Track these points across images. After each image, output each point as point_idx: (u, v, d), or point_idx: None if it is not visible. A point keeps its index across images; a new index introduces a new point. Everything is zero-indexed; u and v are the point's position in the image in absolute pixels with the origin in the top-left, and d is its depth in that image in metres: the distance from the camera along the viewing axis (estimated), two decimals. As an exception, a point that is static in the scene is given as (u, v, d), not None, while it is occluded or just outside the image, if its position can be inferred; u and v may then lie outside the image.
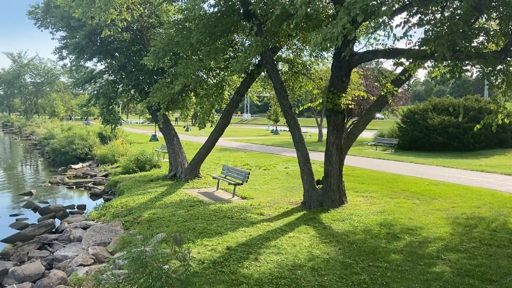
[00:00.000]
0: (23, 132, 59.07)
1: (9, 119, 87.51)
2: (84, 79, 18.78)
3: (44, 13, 18.21)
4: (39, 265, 8.48)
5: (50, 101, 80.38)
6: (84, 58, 17.46)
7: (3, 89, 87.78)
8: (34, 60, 79.30)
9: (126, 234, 9.87)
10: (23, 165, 30.37)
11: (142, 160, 20.16)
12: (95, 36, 16.28)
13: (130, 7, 14.09)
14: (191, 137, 42.35)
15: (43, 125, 54.77)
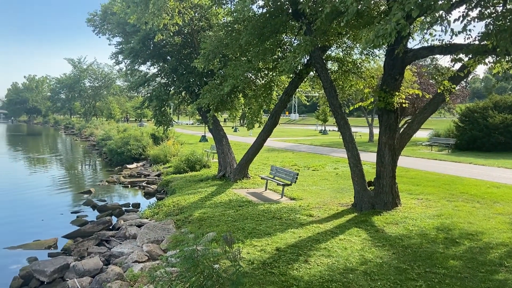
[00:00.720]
0: (83, 134, 62.45)
1: (70, 121, 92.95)
2: (138, 83, 19.52)
3: (102, 20, 19.19)
4: (97, 261, 8.91)
5: (107, 104, 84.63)
6: (138, 62, 18.15)
7: (65, 93, 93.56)
8: (92, 65, 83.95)
9: (178, 232, 10.12)
10: (83, 165, 32.15)
11: (193, 160, 20.62)
12: (148, 41, 16.87)
13: (181, 12, 14.46)
14: (239, 137, 42.81)
15: (101, 127, 57.70)
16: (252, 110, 15.36)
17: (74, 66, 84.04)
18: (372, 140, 36.51)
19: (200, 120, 20.60)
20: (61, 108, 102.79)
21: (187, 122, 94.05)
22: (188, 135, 46.30)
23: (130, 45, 17.00)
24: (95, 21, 19.67)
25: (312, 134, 52.65)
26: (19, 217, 14.49)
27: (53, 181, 22.52)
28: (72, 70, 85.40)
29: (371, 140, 36.71)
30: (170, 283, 5.46)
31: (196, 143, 36.37)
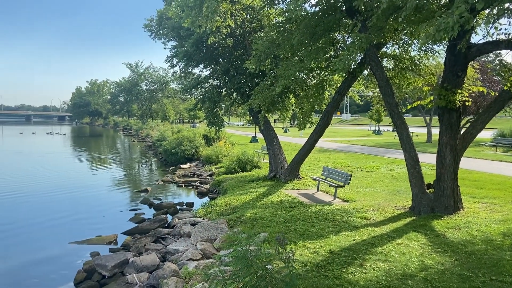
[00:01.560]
0: (140, 135, 65.23)
1: (128, 123, 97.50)
2: (191, 85, 20.03)
3: (158, 25, 19.94)
4: (154, 257, 9.21)
5: (162, 106, 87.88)
6: (191, 65, 18.63)
7: (123, 96, 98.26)
8: (148, 69, 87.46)
9: (231, 232, 10.22)
10: (139, 165, 33.54)
11: (244, 161, 20.81)
12: (201, 44, 17.25)
13: (233, 14, 14.65)
14: (290, 138, 42.65)
15: (156, 128, 59.95)
16: (303, 110, 15.22)
17: (132, 70, 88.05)
18: (431, 140, 34.92)
19: (251, 121, 20.74)
20: (120, 111, 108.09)
21: (238, 123, 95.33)
22: (239, 136, 46.84)
23: (184, 48, 17.48)
24: (152, 26, 20.48)
25: (365, 135, 51.30)
26: (83, 213, 15.36)
27: (113, 180, 23.67)
28: (130, 74, 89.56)
29: (429, 140, 35.11)
30: (225, 282, 5.50)
31: (247, 143, 36.69)
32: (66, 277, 9.11)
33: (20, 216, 14.71)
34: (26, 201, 17.07)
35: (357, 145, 34.00)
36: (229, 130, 53.48)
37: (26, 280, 9.13)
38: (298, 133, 48.34)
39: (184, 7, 12.94)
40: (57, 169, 27.54)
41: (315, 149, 20.08)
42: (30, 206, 16.19)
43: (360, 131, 60.82)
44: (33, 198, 17.59)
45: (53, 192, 19.09)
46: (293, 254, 5.43)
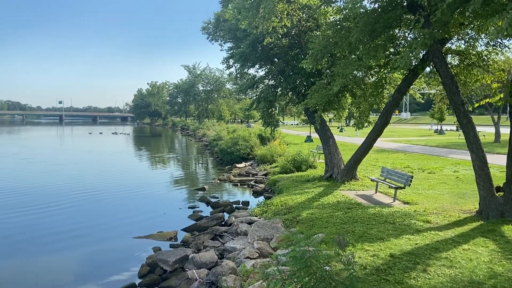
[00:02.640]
0: (197, 135, 67.10)
1: (185, 123, 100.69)
2: (247, 85, 20.27)
3: (215, 28, 20.42)
4: (213, 254, 9.45)
5: (217, 106, 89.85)
6: (247, 66, 18.87)
7: (181, 97, 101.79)
8: (205, 70, 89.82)
9: (287, 232, 10.23)
10: (197, 164, 34.54)
11: (299, 161, 20.72)
12: (257, 44, 17.41)
13: (289, 13, 14.63)
14: (345, 137, 41.82)
15: (212, 128, 61.36)
16: (360, 109, 14.86)
17: (189, 72, 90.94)
18: (499, 140, 32.65)
19: (305, 120, 20.60)
20: (178, 111, 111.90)
21: (292, 122, 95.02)
22: (293, 136, 46.68)
23: (240, 49, 17.75)
24: (209, 29, 21.02)
25: (426, 134, 49.04)
26: (146, 210, 16.11)
27: (172, 178, 24.60)
28: (188, 75, 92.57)
29: (497, 140, 32.85)
30: (283, 282, 5.52)
31: (302, 143, 36.49)
32: (131, 270, 9.61)
33: (91, 211, 15.73)
34: (96, 197, 18.20)
35: (417, 145, 32.59)
36: (283, 129, 53.48)
37: (95, 271, 9.76)
38: (354, 133, 47.28)
39: (241, 9, 13.13)
40: (123, 168, 29.12)
41: (373, 149, 19.50)
42: (99, 203, 17.24)
43: (421, 131, 58.22)
44: (101, 195, 18.73)
45: (119, 189, 20.21)
46: (353, 256, 5.33)
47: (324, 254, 5.89)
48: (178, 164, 33.02)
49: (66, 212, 15.35)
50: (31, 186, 20.48)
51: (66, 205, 16.45)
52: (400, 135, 47.33)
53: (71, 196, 18.25)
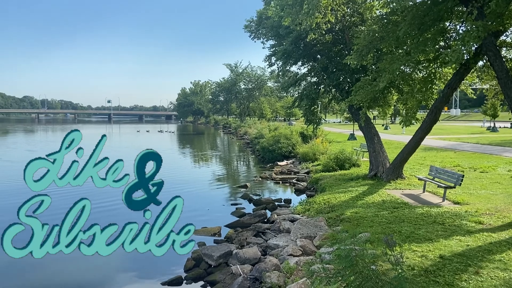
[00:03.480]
0: (238, 133, 67.66)
1: (227, 121, 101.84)
2: (289, 83, 20.20)
3: (257, 25, 20.48)
4: (256, 251, 9.51)
5: (259, 104, 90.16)
6: (290, 63, 18.76)
7: (223, 95, 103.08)
8: (247, 68, 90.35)
9: (331, 230, 10.11)
10: (238, 161, 34.87)
11: (342, 159, 20.38)
12: (300, 41, 17.28)
13: (334, 9, 14.40)
14: (391, 135, 40.66)
15: (254, 126, 61.66)
16: (408, 106, 14.38)
17: (231, 70, 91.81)
18: (559, 138, 30.54)
19: (348, 118, 20.27)
20: (220, 110, 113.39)
21: (334, 120, 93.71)
22: (336, 133, 46.00)
23: (282, 46, 17.70)
24: (251, 27, 21.10)
25: (478, 132, 46.71)
26: (190, 206, 16.40)
27: (215, 175, 25.01)
28: (230, 74, 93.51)
29: (557, 138, 30.74)
30: (328, 280, 5.47)
31: (344, 141, 35.87)
32: (177, 264, 9.84)
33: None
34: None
35: (468, 143, 31.11)
36: (325, 127, 52.75)
37: (143, 263, 10.09)
38: (400, 130, 45.90)
39: (284, 6, 13.08)
40: (170, 165, 29.92)
41: (420, 147, 18.80)
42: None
43: (472, 128, 55.53)
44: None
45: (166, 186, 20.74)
46: (402, 256, 5.18)
47: (370, 253, 5.77)
48: (221, 162, 33.48)
49: (117, 207, 15.96)
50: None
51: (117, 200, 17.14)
52: (449, 132, 45.37)
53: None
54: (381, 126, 56.62)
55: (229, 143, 56.16)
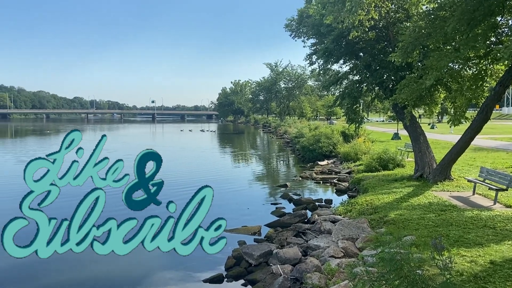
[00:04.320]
0: (278, 132, 67.62)
1: (267, 121, 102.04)
2: (330, 81, 19.93)
3: (298, 24, 20.36)
4: (296, 251, 9.46)
5: (299, 103, 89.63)
6: (331, 61, 18.51)
7: (263, 95, 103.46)
8: (287, 67, 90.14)
9: (374, 232, 9.88)
10: (278, 161, 34.85)
11: (385, 159, 19.85)
12: (341, 39, 16.99)
13: (377, 5, 14.05)
14: (438, 135, 39.15)
15: (294, 125, 61.37)
16: (456, 104, 13.77)
17: (272, 69, 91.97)
18: None
19: (392, 117, 19.72)
20: (260, 109, 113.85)
21: (377, 119, 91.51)
22: (379, 133, 44.87)
23: (324, 45, 17.48)
24: (292, 26, 21.02)
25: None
26: (230, 204, 16.66)
27: (255, 174, 25.15)
28: (270, 73, 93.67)
29: None
30: (371, 283, 5.34)
31: (388, 141, 34.91)
32: (218, 262, 9.96)
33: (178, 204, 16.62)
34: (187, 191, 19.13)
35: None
36: (368, 126, 51.57)
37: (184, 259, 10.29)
38: (447, 130, 44.08)
39: (326, 4, 12.91)
40: (211, 164, 30.51)
41: (470, 148, 17.94)
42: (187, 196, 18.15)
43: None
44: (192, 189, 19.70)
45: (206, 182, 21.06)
46: (451, 261, 4.97)
47: (416, 257, 5.58)
48: (261, 161, 33.61)
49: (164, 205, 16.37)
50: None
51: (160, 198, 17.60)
52: (501, 132, 43.02)
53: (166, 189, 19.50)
54: (427, 125, 54.56)
55: (269, 142, 56.24)
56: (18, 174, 19.38)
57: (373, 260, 7.03)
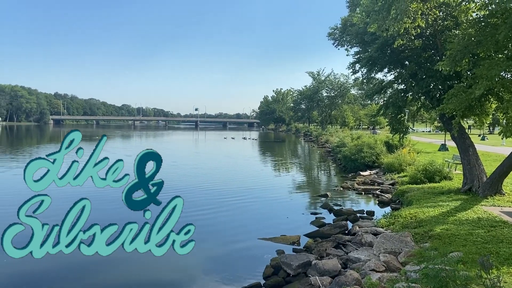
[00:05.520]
0: (319, 141, 66.91)
1: (308, 129, 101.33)
2: (374, 90, 19.54)
3: (341, 33, 20.20)
4: (336, 263, 9.29)
5: (341, 112, 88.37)
6: (375, 70, 18.19)
7: (305, 103, 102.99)
8: (329, 76, 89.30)
9: (417, 247, 9.53)
10: (319, 170, 34.47)
11: (431, 171, 19.11)
12: (386, 48, 16.66)
13: (424, 13, 13.66)
14: (488, 147, 37.21)
15: (336, 134, 60.54)
16: (508, 115, 13.05)
17: (314, 78, 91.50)
18: None
19: (439, 127, 19.00)
20: (301, 117, 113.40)
21: (423, 129, 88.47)
22: (425, 144, 43.32)
23: (367, 53, 17.21)
24: (335, 34, 20.88)
25: None
26: (269, 213, 16.68)
27: (295, 183, 25.01)
28: (312, 82, 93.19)
29: None
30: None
31: (435, 152, 33.61)
32: (256, 270, 9.98)
33: (223, 211, 16.80)
34: (227, 199, 19.33)
35: None
36: (413, 137, 49.91)
37: (222, 267, 10.42)
38: (499, 141, 41.86)
39: (370, 12, 12.72)
40: (252, 171, 30.75)
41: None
42: (230, 204, 18.28)
43: None
44: (232, 197, 19.83)
45: (248, 192, 21.27)
46: (500, 280, 4.71)
47: (462, 274, 5.34)
48: (301, 170, 33.39)
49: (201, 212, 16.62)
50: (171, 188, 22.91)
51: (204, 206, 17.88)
52: (559, 145, 40.23)
53: (208, 197, 19.84)
54: (477, 137, 52.09)
55: (309, 151, 55.78)
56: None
57: (416, 276, 6.78)
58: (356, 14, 17.30)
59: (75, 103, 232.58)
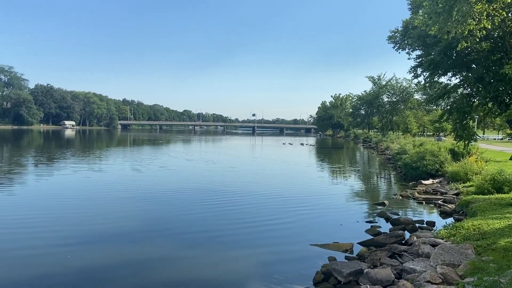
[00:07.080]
0: (379, 147, 64.91)
1: (368, 136, 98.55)
2: (437, 95, 18.78)
3: (402, 36, 19.67)
4: (389, 273, 9.02)
5: (403, 118, 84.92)
6: (438, 74, 17.50)
7: (364, 109, 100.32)
8: (391, 81, 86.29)
9: (478, 259, 8.99)
10: (378, 177, 33.44)
11: (500, 181, 17.86)
12: (450, 51, 15.95)
13: (490, 14, 12.91)
14: None
15: (397, 141, 58.38)
16: None
17: (374, 83, 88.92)
18: None
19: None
20: (360, 123, 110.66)
21: (495, 136, 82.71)
22: (495, 152, 40.46)
23: (430, 57, 16.60)
24: (396, 37, 20.38)
25: None
26: (323, 219, 16.53)
27: (351, 190, 24.52)
28: (372, 87, 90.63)
29: None
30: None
31: (505, 161, 31.29)
32: (306, 276, 9.95)
33: (279, 214, 16.92)
34: (285, 204, 19.42)
35: None
36: (482, 144, 46.80)
37: (274, 271, 10.49)
38: None
39: (432, 14, 12.27)
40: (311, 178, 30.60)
41: None
42: (287, 208, 18.36)
43: None
44: (290, 201, 19.92)
45: (305, 197, 21.26)
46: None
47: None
48: (359, 177, 32.63)
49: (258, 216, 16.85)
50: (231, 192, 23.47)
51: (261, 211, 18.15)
52: None
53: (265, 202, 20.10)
54: (557, 145, 47.66)
55: (369, 158, 54.28)
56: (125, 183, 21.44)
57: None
58: (418, 16, 16.74)
59: (141, 109, 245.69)
